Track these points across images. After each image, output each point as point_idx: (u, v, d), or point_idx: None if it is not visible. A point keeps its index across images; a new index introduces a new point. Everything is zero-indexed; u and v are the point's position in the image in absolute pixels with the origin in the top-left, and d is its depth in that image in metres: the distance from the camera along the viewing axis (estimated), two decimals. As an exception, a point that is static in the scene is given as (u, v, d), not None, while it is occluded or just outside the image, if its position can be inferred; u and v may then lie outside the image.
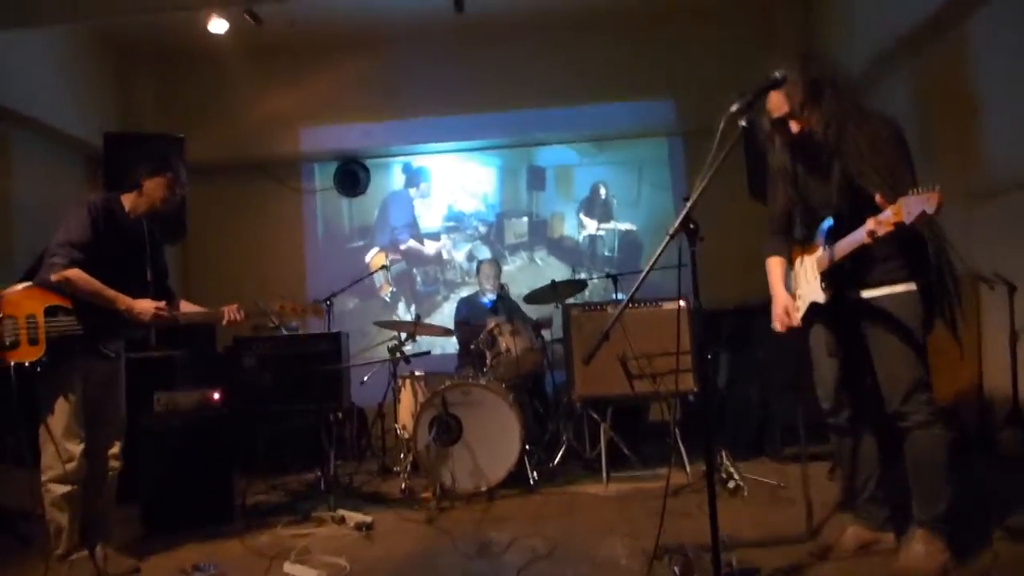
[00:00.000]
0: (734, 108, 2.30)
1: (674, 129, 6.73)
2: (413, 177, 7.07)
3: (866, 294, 2.53)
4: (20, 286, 3.02)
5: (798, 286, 2.72)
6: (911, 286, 2.49)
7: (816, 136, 2.47)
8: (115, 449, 3.22)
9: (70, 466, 2.99)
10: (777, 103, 2.51)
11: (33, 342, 2.93)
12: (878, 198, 2.18)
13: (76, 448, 3.01)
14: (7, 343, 2.90)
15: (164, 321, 3.18)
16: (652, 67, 6.55)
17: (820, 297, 2.57)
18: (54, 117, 5.46)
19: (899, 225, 2.11)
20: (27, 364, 2.91)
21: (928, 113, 5.17)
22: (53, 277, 2.97)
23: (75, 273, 2.98)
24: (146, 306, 3.12)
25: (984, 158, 4.59)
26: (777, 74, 2.39)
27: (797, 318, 2.68)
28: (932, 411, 2.46)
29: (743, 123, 2.29)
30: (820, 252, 2.56)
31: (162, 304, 3.17)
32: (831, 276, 2.53)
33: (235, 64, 6.35)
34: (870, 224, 2.21)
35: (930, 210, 2.03)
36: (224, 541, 3.49)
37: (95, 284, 3.02)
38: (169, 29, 6.02)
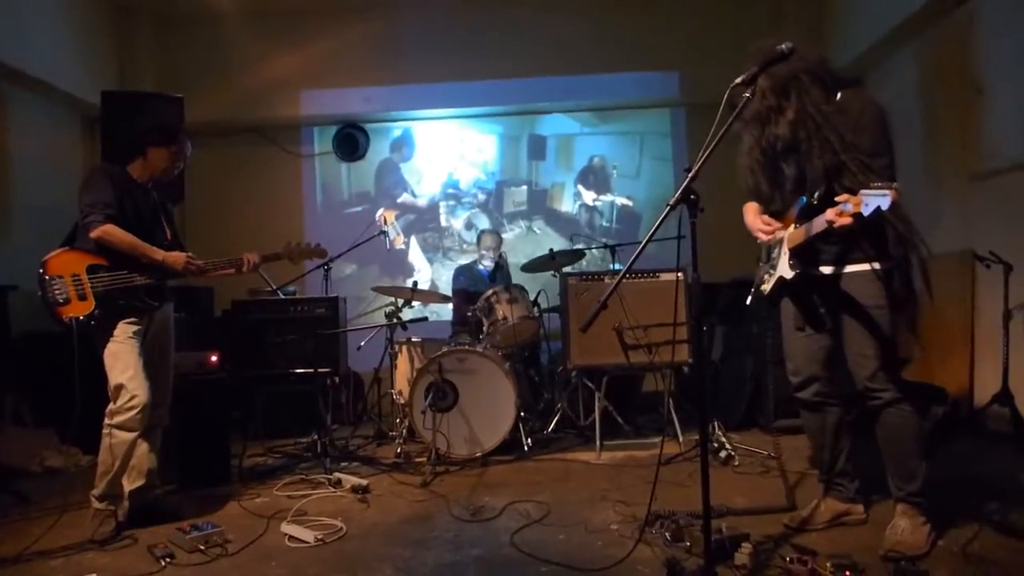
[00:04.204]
0: (739, 80, 2.29)
1: (678, 101, 6.68)
2: (395, 143, 7.04)
3: (827, 271, 2.57)
4: (60, 250, 3.11)
5: (771, 258, 2.72)
6: (870, 266, 2.49)
7: (786, 140, 2.47)
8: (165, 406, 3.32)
9: (137, 415, 3.04)
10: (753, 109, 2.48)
11: (82, 298, 3.04)
12: (839, 197, 2.16)
13: (144, 396, 3.06)
14: (60, 300, 3.01)
15: (195, 271, 3.28)
16: (658, 38, 6.50)
17: (788, 273, 2.58)
18: (51, 74, 5.39)
19: (857, 217, 2.10)
20: (81, 318, 3.01)
21: (931, 93, 5.16)
22: (93, 234, 3.05)
23: (112, 228, 3.07)
24: (178, 257, 3.23)
25: (985, 138, 4.58)
26: (783, 47, 2.34)
27: (774, 227, 2.66)
28: (899, 388, 2.51)
29: (747, 95, 2.28)
30: (792, 229, 2.57)
31: (192, 255, 3.29)
32: (799, 254, 2.55)
33: (236, 25, 6.27)
34: (830, 214, 2.20)
35: (885, 206, 2.03)
36: (221, 502, 3.53)
37: (131, 237, 3.11)
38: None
